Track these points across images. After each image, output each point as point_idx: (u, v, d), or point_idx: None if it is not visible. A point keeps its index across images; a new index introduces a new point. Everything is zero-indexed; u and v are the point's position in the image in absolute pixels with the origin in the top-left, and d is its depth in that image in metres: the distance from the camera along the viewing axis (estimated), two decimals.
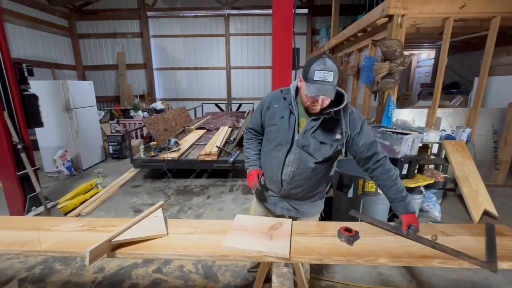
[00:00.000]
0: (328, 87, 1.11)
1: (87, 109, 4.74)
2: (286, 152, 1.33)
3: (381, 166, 1.28)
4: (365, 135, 1.29)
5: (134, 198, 3.48)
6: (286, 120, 1.31)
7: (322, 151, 1.29)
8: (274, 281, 0.99)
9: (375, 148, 1.29)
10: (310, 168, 1.33)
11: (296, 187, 1.39)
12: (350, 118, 1.29)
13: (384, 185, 1.28)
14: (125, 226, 1.19)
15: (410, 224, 1.19)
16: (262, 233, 1.20)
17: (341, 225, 1.27)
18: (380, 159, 1.29)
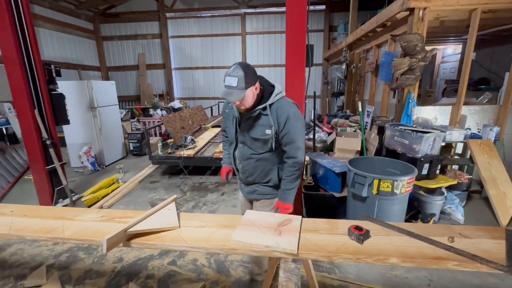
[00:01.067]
0: (230, 91, 1.29)
1: (110, 107, 4.97)
2: (234, 148, 1.60)
3: (286, 163, 1.51)
4: (285, 134, 1.42)
5: (151, 193, 3.62)
6: (231, 122, 1.55)
7: (259, 145, 1.49)
8: (281, 276, 0.99)
9: (289, 149, 1.46)
10: (253, 159, 1.53)
11: (249, 176, 1.60)
12: (277, 114, 1.40)
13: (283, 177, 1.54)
14: (139, 218, 1.24)
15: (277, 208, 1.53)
16: (271, 228, 1.21)
17: (351, 223, 1.25)
18: (289, 158, 1.48)
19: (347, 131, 3.83)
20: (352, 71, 6.12)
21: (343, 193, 2.73)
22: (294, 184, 1.51)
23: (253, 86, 1.33)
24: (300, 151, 1.45)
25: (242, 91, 1.29)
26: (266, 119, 1.41)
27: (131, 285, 1.88)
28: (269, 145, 1.46)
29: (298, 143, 1.43)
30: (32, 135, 2.74)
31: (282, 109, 1.40)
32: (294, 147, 1.44)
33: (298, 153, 1.45)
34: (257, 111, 1.40)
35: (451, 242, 1.12)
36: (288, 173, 1.49)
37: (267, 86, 1.45)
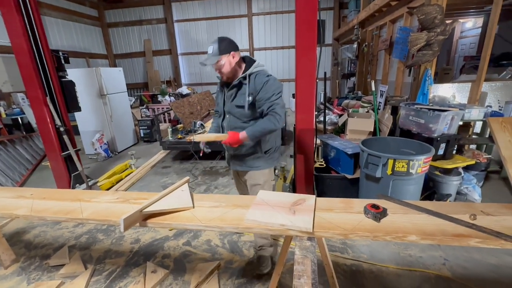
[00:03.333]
0: (207, 56, 1.54)
1: (119, 95, 4.99)
2: (222, 119, 1.71)
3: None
4: (262, 95, 1.52)
5: (164, 178, 3.68)
6: (220, 95, 1.74)
7: (243, 113, 1.59)
8: (297, 253, 0.99)
9: (266, 105, 1.53)
10: (239, 127, 1.60)
11: (237, 147, 1.63)
12: (255, 82, 1.54)
13: None
14: (154, 198, 1.26)
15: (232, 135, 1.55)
16: (285, 208, 1.20)
17: (367, 202, 1.22)
18: (265, 115, 1.56)
19: (359, 112, 3.72)
20: (364, 50, 5.87)
21: (356, 174, 2.69)
22: (259, 128, 1.54)
23: (228, 54, 1.52)
24: (278, 106, 1.53)
25: (216, 56, 1.50)
26: (246, 87, 1.56)
27: (149, 264, 1.95)
28: (252, 113, 1.58)
29: (274, 98, 1.53)
30: (46, 122, 2.79)
31: (260, 77, 1.56)
32: (268, 104, 1.52)
33: (276, 107, 1.52)
34: (238, 80, 1.57)
35: (473, 219, 1.08)
36: (260, 122, 1.55)
37: (249, 61, 1.63)
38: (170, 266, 1.97)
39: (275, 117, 1.53)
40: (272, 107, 1.52)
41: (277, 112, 1.53)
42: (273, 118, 1.53)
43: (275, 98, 1.53)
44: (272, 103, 1.52)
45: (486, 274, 1.74)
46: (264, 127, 1.54)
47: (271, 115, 1.53)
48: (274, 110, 1.53)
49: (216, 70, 1.57)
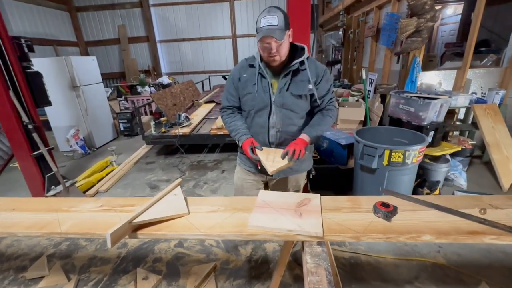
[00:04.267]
0: (272, 28, 1.16)
1: (94, 86, 4.62)
2: (268, 115, 1.37)
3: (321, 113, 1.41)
4: (323, 86, 1.36)
5: (149, 174, 3.49)
6: (260, 85, 1.34)
7: (301, 104, 1.36)
8: (308, 261, 0.91)
9: (325, 99, 1.38)
10: (294, 124, 1.39)
11: (283, 144, 1.42)
12: (316, 67, 1.34)
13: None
14: (144, 207, 1.12)
15: (295, 142, 1.31)
16: (290, 210, 1.11)
17: (374, 200, 1.17)
18: (325, 108, 1.40)
19: (349, 100, 3.69)
20: (350, 37, 5.81)
21: (349, 165, 2.67)
22: (324, 127, 1.38)
23: (289, 31, 1.24)
24: (334, 96, 1.44)
25: (283, 31, 1.18)
26: (305, 74, 1.31)
27: (139, 270, 1.82)
28: (311, 103, 1.38)
29: (332, 90, 1.41)
30: (11, 119, 2.49)
31: (316, 63, 1.36)
32: (329, 96, 1.38)
33: (333, 99, 1.42)
34: (295, 65, 1.29)
35: (483, 214, 1.05)
36: (322, 119, 1.38)
37: (297, 45, 1.36)
38: (162, 270, 1.86)
39: (334, 112, 1.40)
40: (332, 100, 1.40)
41: (335, 106, 1.42)
42: (333, 113, 1.39)
43: (333, 90, 1.42)
44: (333, 96, 1.41)
45: (479, 259, 1.79)
46: (327, 125, 1.37)
47: (331, 109, 1.39)
48: (334, 104, 1.42)
49: (270, 51, 1.20)
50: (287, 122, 1.38)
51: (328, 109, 1.39)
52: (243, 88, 1.39)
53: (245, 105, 1.42)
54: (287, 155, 1.25)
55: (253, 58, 1.38)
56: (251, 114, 1.41)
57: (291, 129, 1.40)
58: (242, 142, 1.37)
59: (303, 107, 1.38)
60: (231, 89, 1.44)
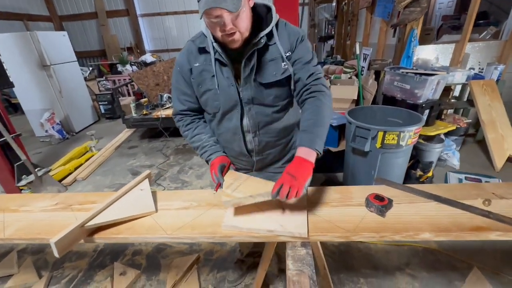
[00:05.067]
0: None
1: (67, 65, 4.25)
2: (239, 116, 1.02)
3: (309, 95, 0.96)
4: (299, 56, 0.95)
5: (131, 160, 3.30)
6: (221, 77, 0.96)
7: (277, 93, 0.99)
8: (290, 267, 0.78)
9: (306, 72, 0.95)
10: (275, 120, 1.06)
11: (269, 150, 1.13)
12: (289, 35, 0.94)
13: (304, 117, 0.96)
14: (102, 206, 0.96)
15: (293, 169, 0.84)
16: (271, 205, 0.97)
17: (367, 191, 1.03)
18: (308, 91, 0.96)
19: (342, 78, 3.49)
20: (343, 9, 5.45)
21: (340, 147, 2.54)
22: (326, 122, 0.93)
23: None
24: (321, 72, 1.00)
25: (239, 1, 0.78)
26: (275, 49, 0.93)
27: (117, 265, 1.71)
28: (289, 87, 0.99)
29: (315, 62, 0.99)
30: None
31: (289, 28, 0.96)
32: (311, 71, 0.96)
33: (320, 75, 0.98)
34: (260, 40, 0.89)
35: (487, 205, 0.93)
36: (318, 112, 0.92)
37: (258, 5, 0.94)
38: (142, 264, 1.75)
39: (327, 93, 0.97)
40: (319, 76, 0.97)
41: (325, 85, 0.98)
42: (327, 96, 0.96)
43: (316, 62, 0.99)
44: (317, 70, 0.97)
45: (471, 244, 1.74)
46: (327, 117, 0.93)
47: (322, 91, 0.95)
48: (322, 82, 0.97)
49: (224, 27, 0.81)
50: (264, 121, 1.03)
51: (318, 92, 0.95)
52: (198, 84, 1.00)
53: (206, 106, 1.05)
54: (278, 195, 0.82)
55: (203, 38, 0.97)
56: (216, 117, 1.06)
57: (272, 129, 1.07)
58: (212, 161, 1.06)
59: (281, 96, 1.01)
60: (182, 86, 1.04)
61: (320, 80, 0.97)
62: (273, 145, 1.12)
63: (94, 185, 2.77)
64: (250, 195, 0.88)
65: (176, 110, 1.11)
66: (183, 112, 1.11)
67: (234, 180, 0.98)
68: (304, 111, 0.95)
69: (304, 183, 0.83)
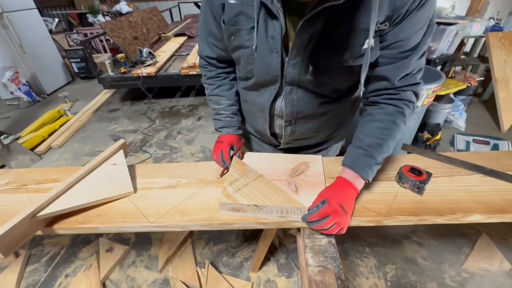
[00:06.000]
0: None
1: (25, 13, 3.60)
2: (272, 97, 0.74)
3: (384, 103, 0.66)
4: (403, 31, 0.56)
5: (112, 124, 2.99)
6: (263, 33, 0.61)
7: (339, 82, 0.69)
8: (310, 262, 0.61)
9: (405, 69, 0.61)
10: (320, 112, 0.78)
11: (300, 139, 0.90)
12: None
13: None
14: (60, 189, 0.73)
15: (345, 199, 0.65)
16: (281, 181, 0.78)
17: (396, 161, 0.85)
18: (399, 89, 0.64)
19: None
20: None
21: None
22: (391, 148, 0.68)
23: None
24: (422, 69, 0.64)
25: None
26: (361, 13, 0.53)
27: (102, 241, 1.56)
28: (359, 75, 0.59)
29: (422, 50, 0.59)
30: None
31: None
32: (414, 59, 0.59)
33: (419, 75, 0.64)
34: None
35: None
36: (391, 129, 0.66)
37: None
38: (130, 239, 1.60)
39: (411, 109, 0.67)
40: (417, 79, 0.64)
41: (418, 92, 0.66)
42: (408, 115, 0.67)
43: (425, 50, 0.60)
44: (419, 65, 0.62)
45: None
46: (394, 139, 0.67)
47: (409, 103, 0.66)
48: (416, 89, 0.65)
49: None
50: (306, 112, 0.75)
51: (405, 103, 0.65)
52: (230, 34, 0.67)
53: (239, 64, 0.76)
54: (313, 224, 0.63)
55: None
56: (248, 83, 0.77)
57: (314, 122, 0.80)
58: (220, 137, 0.88)
59: (342, 86, 0.71)
60: (211, 25, 0.72)
61: (416, 86, 0.64)
62: (307, 135, 0.88)
63: (72, 153, 2.50)
64: (256, 203, 0.67)
65: (203, 54, 0.84)
66: (209, 59, 0.83)
67: (241, 176, 0.77)
68: (373, 120, 0.68)
69: (350, 219, 0.67)
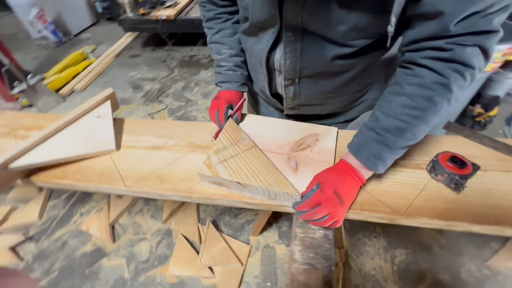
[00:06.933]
0: None
1: None
2: (270, 44, 0.57)
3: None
4: None
5: (132, 71, 2.93)
6: None
7: (362, 20, 0.46)
8: (296, 257, 0.51)
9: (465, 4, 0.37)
10: (332, 72, 0.58)
11: (307, 105, 0.71)
12: None
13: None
14: (33, 140, 0.67)
15: (343, 186, 0.51)
16: (281, 155, 0.64)
17: (432, 145, 0.66)
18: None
19: None
20: None
21: None
22: (418, 133, 0.48)
23: None
24: (496, 13, 0.38)
25: None
26: None
27: None
28: (388, 15, 0.41)
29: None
30: None
31: None
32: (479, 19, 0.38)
33: (486, 23, 0.39)
34: None
35: None
36: (424, 99, 0.45)
37: None
38: None
39: (463, 80, 0.43)
40: (484, 26, 0.39)
41: (477, 55, 0.41)
42: (456, 89, 0.44)
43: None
44: (487, 4, 0.37)
45: None
46: (425, 129, 0.48)
47: (464, 69, 0.41)
48: (486, 43, 0.40)
49: None
50: (315, 68, 0.57)
51: (457, 67, 0.42)
52: None
53: (238, 2, 0.61)
54: (302, 213, 0.52)
55: None
56: (245, 26, 0.62)
57: (327, 82, 0.61)
58: (220, 92, 0.74)
59: (367, 27, 0.48)
60: None
61: (488, 38, 0.40)
62: (320, 102, 0.69)
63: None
64: (239, 181, 0.55)
65: None
66: None
67: (231, 144, 0.64)
68: (399, 93, 0.47)
69: (347, 211, 0.53)
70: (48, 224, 1.46)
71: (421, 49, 0.44)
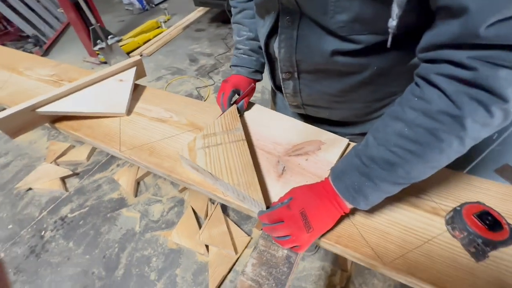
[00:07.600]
0: None
1: None
2: (269, 29, 0.51)
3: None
4: None
5: (194, 44, 3.07)
6: None
7: (367, 8, 0.35)
8: (247, 271, 0.46)
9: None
10: (336, 71, 0.49)
11: (312, 106, 0.63)
12: None
13: None
14: (60, 91, 0.75)
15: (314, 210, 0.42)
16: (270, 156, 0.58)
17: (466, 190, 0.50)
18: None
19: None
20: None
21: None
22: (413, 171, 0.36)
23: None
24: None
25: None
26: None
27: None
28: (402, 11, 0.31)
29: None
30: None
31: None
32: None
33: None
34: None
35: None
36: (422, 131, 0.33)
37: None
38: None
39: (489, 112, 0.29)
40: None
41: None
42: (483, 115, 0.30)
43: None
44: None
45: None
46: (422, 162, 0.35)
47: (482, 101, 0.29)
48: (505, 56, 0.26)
49: None
50: (312, 62, 0.49)
51: (484, 95, 0.28)
52: None
53: None
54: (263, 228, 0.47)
55: None
56: (256, 8, 0.57)
57: (327, 87, 0.54)
58: (232, 75, 0.70)
59: (373, 19, 0.37)
60: None
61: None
62: (326, 105, 0.61)
63: (155, 63, 2.76)
64: (211, 172, 0.51)
65: None
66: None
67: (222, 131, 0.60)
68: (397, 118, 0.36)
69: (314, 239, 0.45)
70: (92, 166, 1.69)
71: (438, 61, 0.31)
